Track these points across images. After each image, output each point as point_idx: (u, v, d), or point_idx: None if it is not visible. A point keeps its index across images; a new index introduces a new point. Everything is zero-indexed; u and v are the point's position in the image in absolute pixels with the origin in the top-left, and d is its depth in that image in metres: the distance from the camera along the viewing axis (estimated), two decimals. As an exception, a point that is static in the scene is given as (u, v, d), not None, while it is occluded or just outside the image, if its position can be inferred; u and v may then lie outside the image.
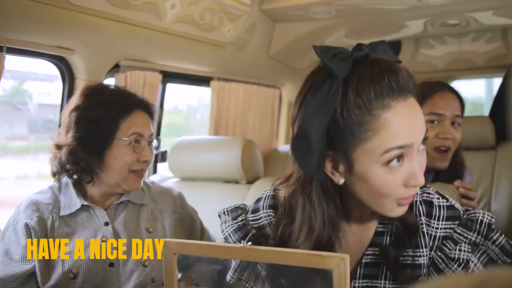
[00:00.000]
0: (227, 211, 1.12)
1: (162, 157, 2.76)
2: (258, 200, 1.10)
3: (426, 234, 0.96)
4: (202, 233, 1.69)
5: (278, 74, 3.40)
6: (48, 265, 1.36)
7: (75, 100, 1.48)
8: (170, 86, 2.80)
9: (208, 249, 0.79)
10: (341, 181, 0.90)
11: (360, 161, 0.86)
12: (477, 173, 2.67)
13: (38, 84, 2.48)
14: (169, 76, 2.64)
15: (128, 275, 1.41)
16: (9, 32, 1.75)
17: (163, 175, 2.51)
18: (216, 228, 1.44)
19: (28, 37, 1.84)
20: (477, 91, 5.48)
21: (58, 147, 1.44)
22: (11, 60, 1.77)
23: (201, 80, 2.96)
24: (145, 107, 1.53)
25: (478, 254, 0.94)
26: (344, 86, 0.84)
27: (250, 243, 0.75)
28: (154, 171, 2.77)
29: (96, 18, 1.99)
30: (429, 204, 0.98)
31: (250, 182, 2.14)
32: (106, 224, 1.44)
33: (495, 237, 0.94)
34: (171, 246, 0.79)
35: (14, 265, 1.34)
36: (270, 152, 3.30)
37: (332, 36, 3.12)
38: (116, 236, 1.44)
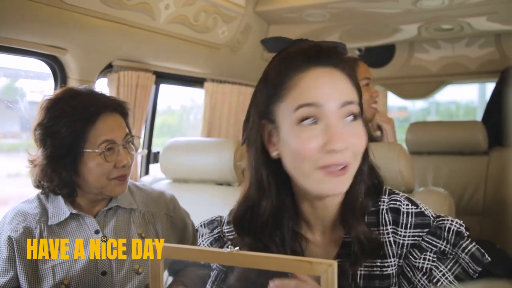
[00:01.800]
0: (204, 224, 1.13)
1: (154, 158, 2.75)
2: (231, 212, 1.09)
3: (393, 243, 0.94)
4: (194, 237, 1.67)
5: (272, 76, 3.40)
6: (37, 277, 1.32)
7: (37, 115, 1.38)
8: (164, 87, 2.80)
9: (195, 254, 0.78)
10: (275, 153, 0.92)
11: (282, 124, 0.89)
12: (469, 178, 2.68)
13: (30, 82, 2.46)
14: (162, 77, 2.63)
15: (121, 283, 1.38)
16: (1, 30, 1.73)
17: (155, 176, 2.50)
18: (208, 230, 1.43)
19: (20, 36, 1.82)
20: (470, 96, 5.51)
21: (33, 164, 1.38)
22: (3, 58, 1.74)
23: (195, 81, 2.95)
24: (114, 108, 1.42)
25: (450, 264, 0.92)
26: (274, 59, 0.95)
27: (238, 248, 0.74)
28: (146, 172, 2.75)
29: (89, 18, 1.97)
30: (396, 211, 0.95)
31: (243, 184, 2.13)
32: (97, 232, 1.40)
33: (464, 245, 0.92)
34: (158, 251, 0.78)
35: None
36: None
37: (326, 39, 3.11)
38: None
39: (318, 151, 0.85)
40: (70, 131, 1.33)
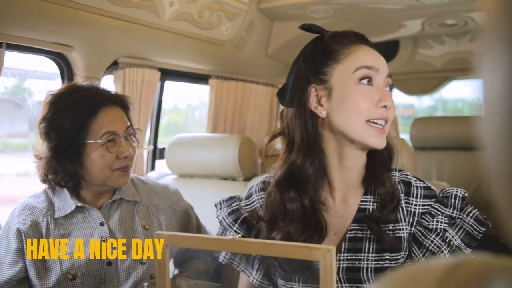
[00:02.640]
0: (223, 201, 1.24)
1: (160, 154, 2.78)
2: (251, 187, 1.22)
3: (405, 210, 1.05)
4: (198, 229, 1.69)
5: (276, 73, 3.42)
6: (45, 267, 1.35)
7: (42, 109, 1.42)
8: (170, 85, 2.82)
9: (198, 241, 0.81)
10: (323, 112, 1.04)
11: (338, 83, 1.03)
12: (473, 173, 2.69)
13: (38, 82, 2.49)
14: (167, 74, 2.66)
15: (126, 273, 1.41)
16: (9, 28, 1.77)
17: (161, 172, 2.53)
18: (213, 224, 1.45)
19: (27, 34, 1.85)
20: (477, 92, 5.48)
21: (38, 157, 1.42)
22: (11, 58, 1.78)
23: (200, 78, 2.98)
24: (115, 101, 1.46)
25: (456, 229, 1.02)
26: (317, 39, 1.09)
27: (240, 235, 0.77)
28: (153, 168, 2.78)
29: (95, 15, 2.00)
30: (407, 184, 1.08)
31: (247, 179, 2.16)
32: (102, 224, 1.43)
33: (469, 209, 1.03)
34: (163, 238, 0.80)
35: (1, 270, 1.33)
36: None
37: (330, 35, 3.13)
38: (112, 235, 1.43)
39: (373, 106, 1.00)
40: (73, 123, 1.37)
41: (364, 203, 1.07)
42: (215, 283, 1.55)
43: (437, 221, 1.02)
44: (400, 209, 1.05)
